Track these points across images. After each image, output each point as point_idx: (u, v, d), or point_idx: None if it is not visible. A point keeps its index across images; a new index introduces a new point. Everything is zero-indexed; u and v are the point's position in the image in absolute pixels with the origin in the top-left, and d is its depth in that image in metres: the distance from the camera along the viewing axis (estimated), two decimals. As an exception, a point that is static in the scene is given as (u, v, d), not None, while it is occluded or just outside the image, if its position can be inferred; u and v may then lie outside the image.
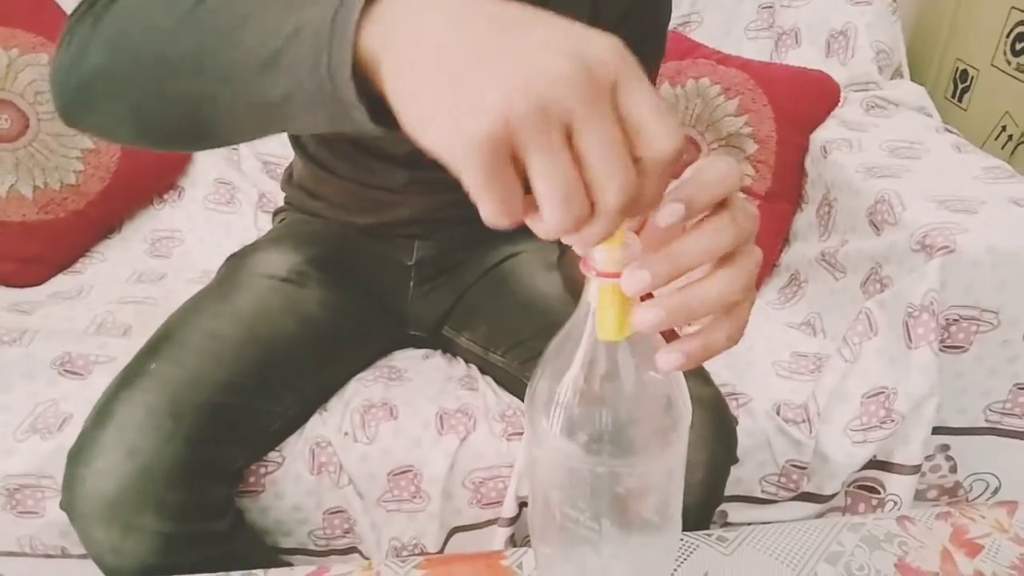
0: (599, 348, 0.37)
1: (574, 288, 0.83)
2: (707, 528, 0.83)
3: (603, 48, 0.30)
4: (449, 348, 0.99)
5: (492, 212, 0.31)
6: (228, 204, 1.31)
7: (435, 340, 0.99)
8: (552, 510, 0.41)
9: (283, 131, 0.44)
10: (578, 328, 0.38)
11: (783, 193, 1.23)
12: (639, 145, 0.31)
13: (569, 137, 0.30)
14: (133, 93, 0.47)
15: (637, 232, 0.38)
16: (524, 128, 0.29)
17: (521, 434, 0.87)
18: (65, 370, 0.92)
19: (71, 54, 0.49)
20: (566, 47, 0.30)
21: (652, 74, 0.84)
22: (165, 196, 1.33)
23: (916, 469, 0.92)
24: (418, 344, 1.00)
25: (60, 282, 1.20)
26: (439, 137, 0.31)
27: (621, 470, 0.39)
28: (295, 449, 0.84)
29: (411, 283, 0.93)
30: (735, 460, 0.83)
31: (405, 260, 0.92)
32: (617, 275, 0.35)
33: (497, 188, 0.30)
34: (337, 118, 0.38)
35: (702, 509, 0.77)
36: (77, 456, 0.66)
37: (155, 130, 0.49)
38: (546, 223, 0.31)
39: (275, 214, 1.02)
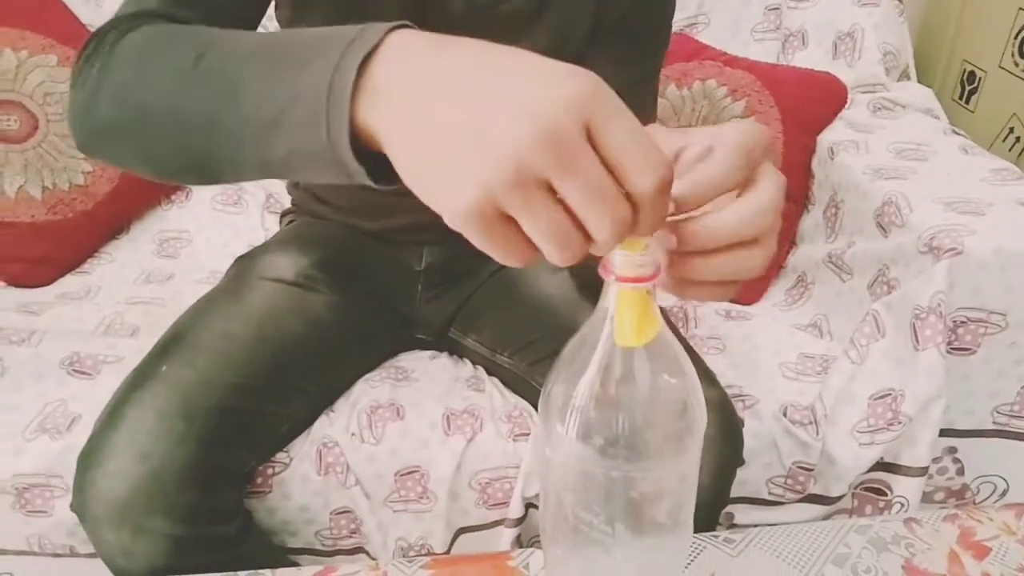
0: (615, 353, 0.37)
1: (587, 286, 0.83)
2: (713, 530, 0.83)
3: (572, 92, 0.31)
4: (456, 350, 0.99)
5: (500, 260, 0.34)
6: (235, 205, 1.32)
7: (442, 342, 0.99)
8: (565, 512, 0.41)
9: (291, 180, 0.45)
10: (595, 332, 0.38)
11: (790, 194, 1.22)
12: (623, 182, 0.32)
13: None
14: (143, 144, 0.49)
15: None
16: (503, 198, 0.31)
17: (528, 435, 0.87)
18: (74, 370, 0.92)
19: (84, 98, 0.51)
20: (532, 106, 0.31)
21: (656, 69, 0.84)
22: (173, 197, 1.33)
23: (923, 471, 0.91)
24: (424, 347, 1.00)
25: (68, 283, 1.21)
26: (437, 208, 0.34)
27: (636, 474, 0.38)
28: (302, 450, 0.84)
29: (419, 288, 0.93)
30: (741, 462, 0.83)
31: (414, 265, 0.93)
32: (637, 280, 0.35)
33: (497, 244, 0.33)
34: (341, 176, 0.40)
35: (708, 511, 0.77)
36: (88, 458, 0.66)
37: (167, 173, 0.52)
38: (552, 259, 0.33)
39: (282, 216, 1.03)
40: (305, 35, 0.41)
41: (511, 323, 0.90)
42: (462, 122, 0.32)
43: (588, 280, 0.58)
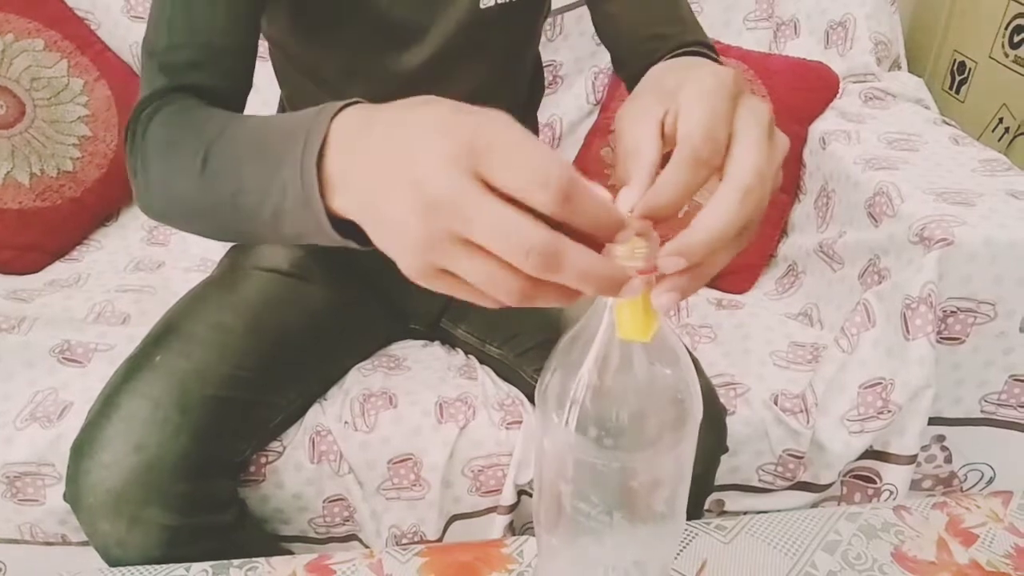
0: (613, 344, 0.37)
1: None
2: (699, 516, 0.83)
3: (448, 150, 0.33)
4: (447, 340, 0.99)
5: (478, 302, 0.36)
6: (226, 192, 1.31)
7: (433, 333, 0.99)
8: (560, 502, 0.41)
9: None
10: (592, 324, 0.38)
11: (781, 184, 1.23)
12: (531, 205, 0.33)
13: None
14: (194, 229, 0.58)
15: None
16: (432, 260, 0.35)
17: (520, 423, 0.87)
18: (64, 358, 0.92)
19: (140, 191, 0.59)
20: (415, 178, 0.34)
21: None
22: (162, 184, 1.32)
23: (912, 459, 0.92)
24: (417, 337, 1.00)
25: (58, 270, 1.20)
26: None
27: (632, 465, 0.39)
28: (295, 438, 0.84)
29: None
30: (725, 450, 0.84)
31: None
32: (639, 272, 0.35)
33: (459, 293, 0.36)
34: (344, 246, 0.44)
35: (694, 498, 0.77)
36: (81, 448, 0.66)
37: (222, 241, 0.65)
38: (500, 301, 0.35)
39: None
40: (278, 127, 0.46)
41: (499, 314, 0.89)
42: (380, 205, 0.36)
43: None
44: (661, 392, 0.39)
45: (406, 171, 0.34)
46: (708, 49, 0.75)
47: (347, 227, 0.41)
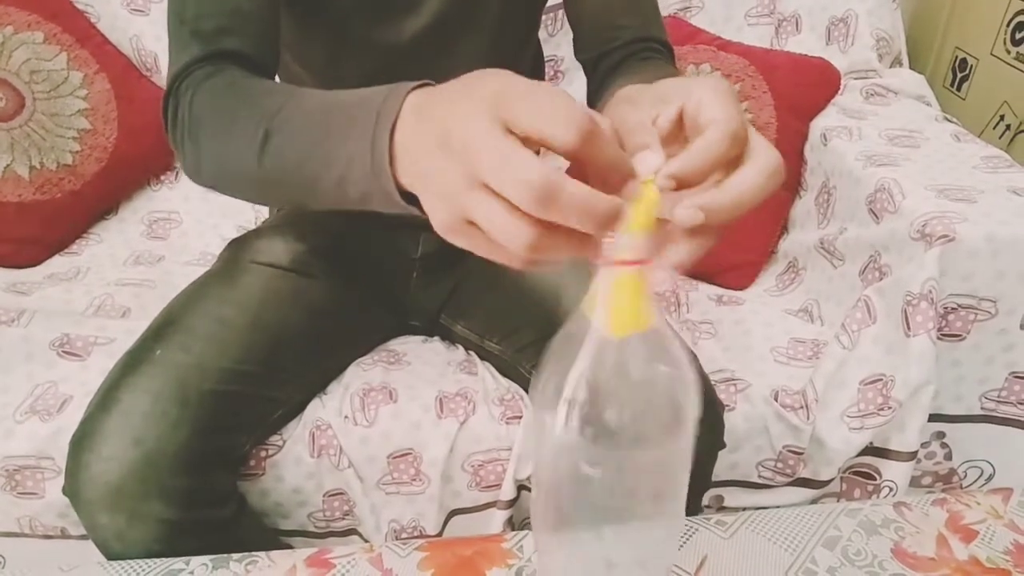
0: (607, 342, 0.37)
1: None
2: (697, 512, 0.83)
3: (478, 101, 0.36)
4: (447, 336, 0.99)
5: (490, 258, 0.39)
6: (225, 186, 1.30)
7: (433, 329, 0.99)
8: (558, 501, 0.41)
9: None
10: (584, 321, 0.37)
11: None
12: (552, 150, 0.35)
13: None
14: (247, 197, 0.61)
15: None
16: (462, 208, 0.37)
17: (520, 418, 0.87)
18: (64, 351, 0.92)
19: (189, 164, 0.61)
20: (445, 139, 0.37)
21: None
22: (162, 177, 1.32)
23: (912, 456, 0.92)
24: (416, 332, 1.00)
25: (57, 263, 1.20)
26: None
27: (628, 464, 0.38)
28: (295, 432, 0.84)
29: (415, 274, 0.93)
30: (723, 445, 0.84)
31: (411, 253, 0.92)
32: (637, 263, 0.35)
33: (476, 247, 0.39)
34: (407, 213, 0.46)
35: (691, 494, 0.78)
36: (81, 442, 0.66)
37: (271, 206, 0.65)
38: (513, 255, 0.38)
39: (273, 198, 1.02)
40: (345, 102, 0.48)
41: (498, 310, 0.90)
42: (424, 161, 0.40)
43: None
44: (657, 390, 0.39)
45: (440, 124, 0.38)
46: (663, 47, 0.78)
47: (410, 197, 0.44)
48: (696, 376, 0.39)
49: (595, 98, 0.78)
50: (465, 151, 0.36)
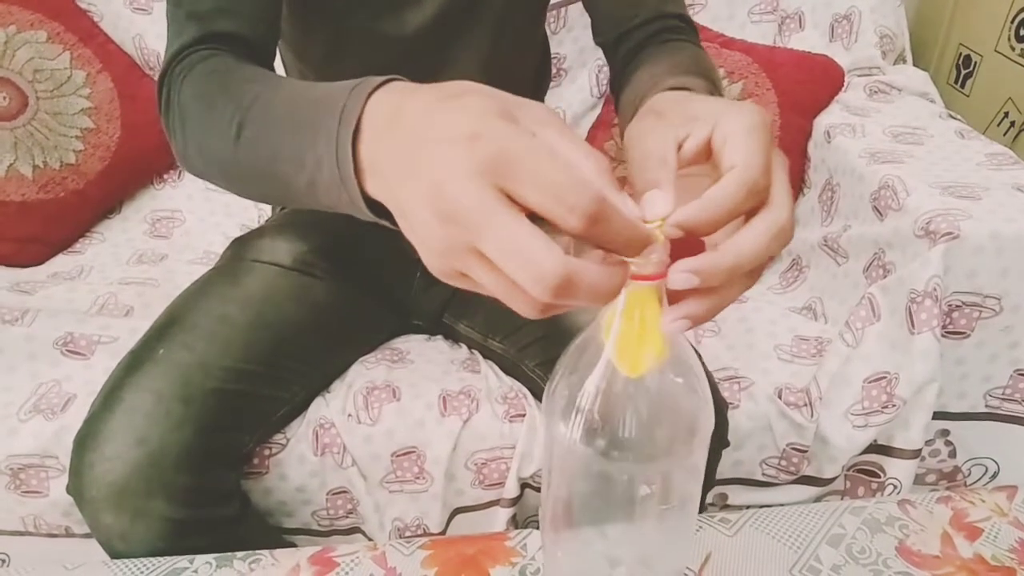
0: None
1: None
2: (700, 511, 0.83)
3: (473, 162, 0.32)
4: (450, 335, 0.99)
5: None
6: (228, 185, 1.30)
7: (436, 328, 0.99)
8: (567, 507, 0.41)
9: None
10: (599, 332, 0.37)
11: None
12: (556, 225, 0.32)
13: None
14: (233, 189, 0.58)
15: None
16: (450, 264, 0.35)
17: (523, 416, 0.87)
18: (68, 350, 0.92)
19: (179, 149, 0.60)
20: (436, 185, 0.33)
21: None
22: (165, 176, 1.32)
23: (916, 453, 0.92)
24: (420, 332, 1.00)
25: (60, 262, 1.20)
26: None
27: (640, 474, 0.38)
28: (299, 431, 0.84)
29: (417, 275, 0.93)
30: (726, 444, 0.84)
31: (413, 254, 0.92)
32: (649, 278, 0.34)
33: (477, 290, 0.36)
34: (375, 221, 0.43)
35: None
36: (84, 441, 0.66)
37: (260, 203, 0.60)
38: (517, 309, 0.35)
39: (276, 197, 1.02)
40: (312, 98, 0.45)
41: (500, 309, 0.89)
42: (405, 202, 0.36)
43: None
44: (672, 402, 0.38)
45: (429, 173, 0.33)
46: (684, 22, 0.75)
47: (381, 207, 0.41)
48: (710, 390, 0.38)
49: (617, 84, 0.75)
50: (461, 219, 0.32)
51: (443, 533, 0.89)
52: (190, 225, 1.28)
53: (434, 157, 0.33)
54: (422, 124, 0.36)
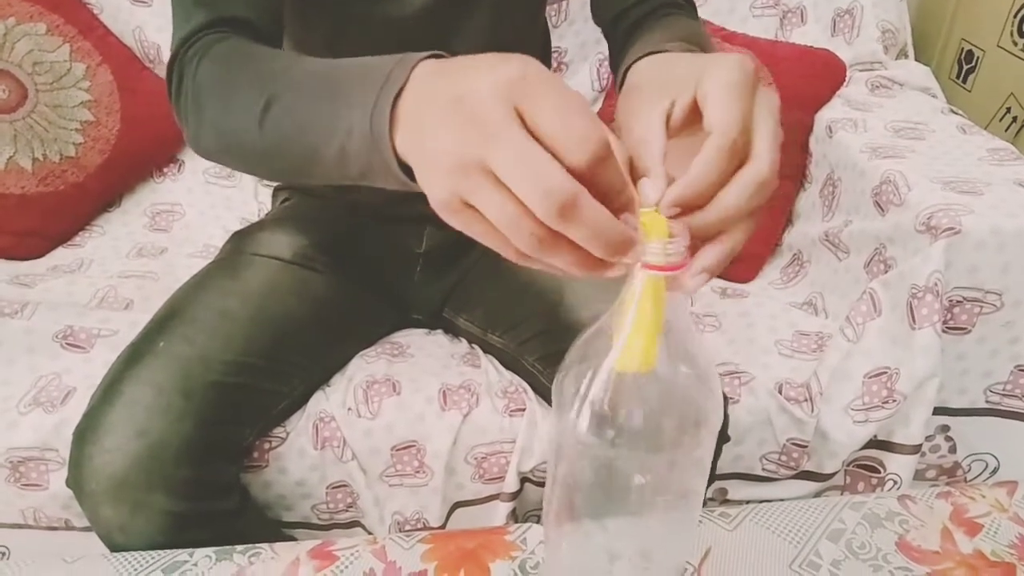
0: None
1: None
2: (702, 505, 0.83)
3: (497, 78, 0.34)
4: (450, 329, 0.99)
5: (492, 247, 0.37)
6: (228, 178, 1.30)
7: (436, 323, 0.99)
8: (572, 497, 0.41)
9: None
10: (612, 322, 0.37)
11: (786, 172, 1.22)
12: (559, 159, 0.33)
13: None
14: (248, 168, 0.60)
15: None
16: (459, 187, 0.35)
17: (523, 410, 0.87)
18: (67, 343, 0.92)
19: (191, 132, 0.59)
20: (460, 95, 0.34)
21: None
22: (165, 169, 1.32)
23: (916, 449, 0.92)
24: (420, 326, 1.00)
25: (60, 255, 1.20)
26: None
27: (647, 465, 0.38)
28: (299, 424, 0.84)
29: (418, 269, 0.93)
30: (726, 439, 0.84)
31: (415, 248, 0.92)
32: (664, 268, 0.34)
33: (475, 232, 0.36)
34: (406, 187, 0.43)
35: None
36: (84, 434, 0.65)
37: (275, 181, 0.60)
38: (513, 248, 0.36)
39: (276, 191, 1.01)
40: (350, 71, 0.46)
41: (501, 304, 0.90)
42: (425, 129, 0.37)
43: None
44: (681, 393, 0.38)
45: (453, 88, 0.35)
46: (685, 0, 0.76)
47: (411, 172, 0.41)
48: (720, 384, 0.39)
49: (616, 62, 0.75)
50: (475, 128, 0.33)
51: (443, 527, 0.89)
52: (190, 218, 1.28)
53: (459, 77, 0.36)
54: (461, 66, 0.37)
